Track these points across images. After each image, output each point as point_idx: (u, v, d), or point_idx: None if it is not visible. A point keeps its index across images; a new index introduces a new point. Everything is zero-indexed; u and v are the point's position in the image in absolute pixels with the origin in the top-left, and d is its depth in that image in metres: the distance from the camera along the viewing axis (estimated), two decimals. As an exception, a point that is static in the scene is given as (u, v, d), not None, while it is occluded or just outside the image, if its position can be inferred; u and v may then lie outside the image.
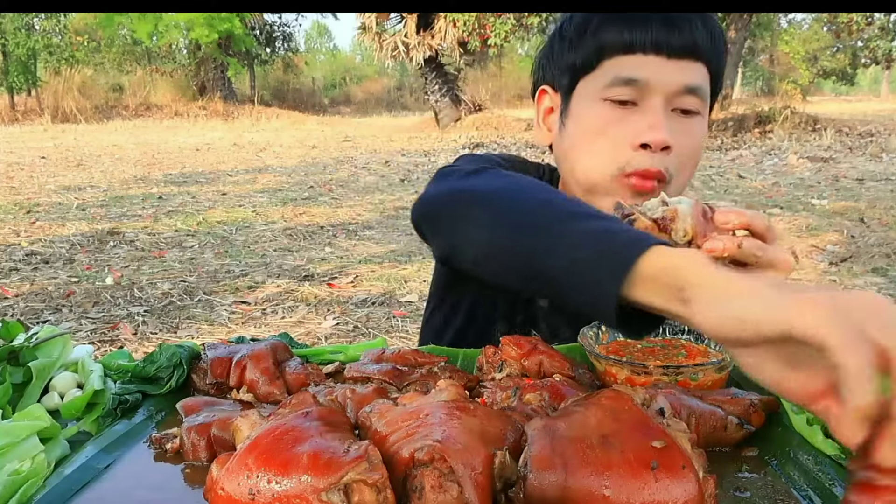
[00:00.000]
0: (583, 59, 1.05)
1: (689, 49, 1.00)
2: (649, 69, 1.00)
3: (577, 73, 1.06)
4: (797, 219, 6.19)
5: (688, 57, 1.01)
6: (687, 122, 1.04)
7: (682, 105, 1.03)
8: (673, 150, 1.01)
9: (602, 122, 1.03)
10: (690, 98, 1.02)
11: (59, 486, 0.66)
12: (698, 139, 1.06)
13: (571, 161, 1.09)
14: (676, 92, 1.01)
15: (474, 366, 0.95)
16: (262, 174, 10.00)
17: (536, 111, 1.18)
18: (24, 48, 22.60)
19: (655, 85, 1.00)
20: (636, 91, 1.01)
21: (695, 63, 1.02)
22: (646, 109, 1.01)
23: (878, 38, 23.90)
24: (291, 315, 3.85)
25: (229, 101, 25.02)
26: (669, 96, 1.01)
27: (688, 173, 1.08)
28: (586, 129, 1.05)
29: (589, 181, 1.06)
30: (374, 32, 17.17)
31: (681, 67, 1.01)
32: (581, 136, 1.06)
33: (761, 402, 0.77)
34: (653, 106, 1.01)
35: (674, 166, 1.03)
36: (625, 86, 1.01)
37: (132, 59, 27.98)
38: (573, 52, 1.06)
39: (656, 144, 0.99)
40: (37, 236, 5.82)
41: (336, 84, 38.62)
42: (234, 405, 0.82)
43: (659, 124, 0.99)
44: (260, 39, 27.92)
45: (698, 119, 1.05)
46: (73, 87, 22.41)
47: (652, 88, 1.00)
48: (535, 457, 0.56)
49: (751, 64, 37.44)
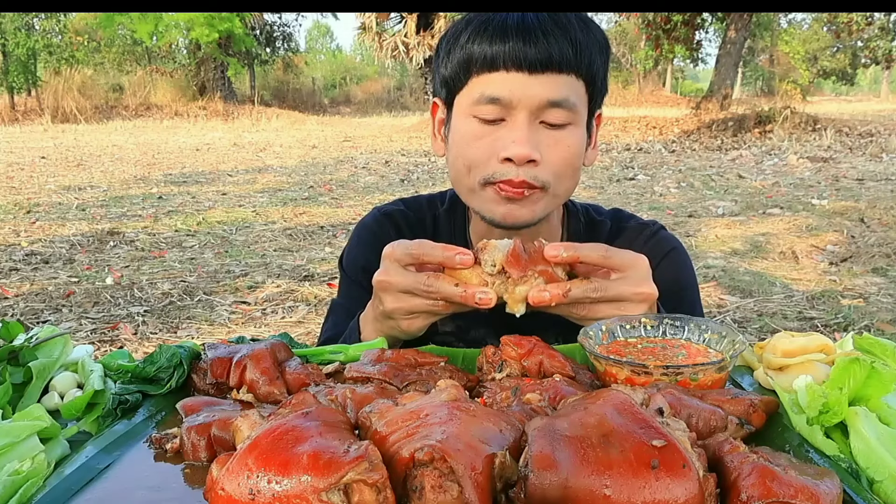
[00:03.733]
0: (453, 74, 1.10)
1: (548, 63, 1.03)
2: (510, 86, 1.04)
3: (451, 89, 1.12)
4: (797, 219, 6.19)
5: (549, 71, 1.03)
6: (556, 134, 1.07)
7: (548, 119, 1.06)
8: (542, 162, 1.06)
9: (471, 137, 1.09)
10: (556, 111, 1.06)
11: (59, 486, 0.65)
12: (571, 149, 1.09)
13: (452, 175, 1.17)
14: (540, 106, 1.05)
15: (474, 366, 0.94)
16: (262, 174, 10.00)
17: (432, 123, 1.24)
18: (24, 48, 22.61)
19: (518, 102, 1.04)
20: (501, 108, 1.06)
21: (558, 76, 1.04)
22: (511, 125, 1.06)
23: (878, 38, 23.91)
24: (291, 315, 3.85)
25: (229, 101, 25.03)
26: (534, 111, 1.05)
27: (568, 182, 1.12)
28: (459, 143, 1.11)
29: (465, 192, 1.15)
30: (374, 32, 17.18)
31: (542, 82, 1.04)
32: (456, 149, 1.13)
33: (761, 402, 0.77)
34: (517, 121, 1.05)
35: (546, 176, 1.08)
36: (489, 104, 1.06)
37: (132, 59, 28.01)
38: (446, 66, 1.11)
39: (518, 159, 1.05)
40: (37, 236, 5.82)
41: (336, 84, 38.63)
42: (234, 405, 0.82)
43: (521, 139, 1.04)
44: (260, 39, 27.94)
45: (569, 129, 1.08)
46: (73, 87, 22.42)
47: (515, 105, 1.05)
48: (536, 457, 0.56)
49: (751, 64, 37.45)
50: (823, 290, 4.25)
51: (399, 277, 0.97)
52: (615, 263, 0.95)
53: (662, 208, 7.00)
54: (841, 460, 0.68)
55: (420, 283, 0.95)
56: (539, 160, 1.06)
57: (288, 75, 30.89)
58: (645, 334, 0.95)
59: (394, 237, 1.29)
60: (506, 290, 0.92)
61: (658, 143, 13.67)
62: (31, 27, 23.81)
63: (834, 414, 0.72)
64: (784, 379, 0.86)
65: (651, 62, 29.58)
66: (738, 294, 4.23)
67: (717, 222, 6.28)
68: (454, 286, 0.93)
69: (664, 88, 36.20)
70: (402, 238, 1.27)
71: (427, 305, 0.97)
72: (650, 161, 11.02)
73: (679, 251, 1.30)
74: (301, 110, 25.91)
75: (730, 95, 18.08)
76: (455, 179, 1.16)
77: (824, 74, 35.56)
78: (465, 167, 1.11)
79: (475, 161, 1.09)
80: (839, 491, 0.58)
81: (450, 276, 0.94)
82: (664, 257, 1.26)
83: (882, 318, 3.74)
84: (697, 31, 21.14)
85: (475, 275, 0.93)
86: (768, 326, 3.66)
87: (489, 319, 1.23)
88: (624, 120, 16.97)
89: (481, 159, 1.08)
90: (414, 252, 0.97)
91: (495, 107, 1.05)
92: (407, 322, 1.00)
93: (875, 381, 0.75)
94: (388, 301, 0.99)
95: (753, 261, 4.99)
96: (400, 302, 0.98)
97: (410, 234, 1.26)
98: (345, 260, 1.37)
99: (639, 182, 8.95)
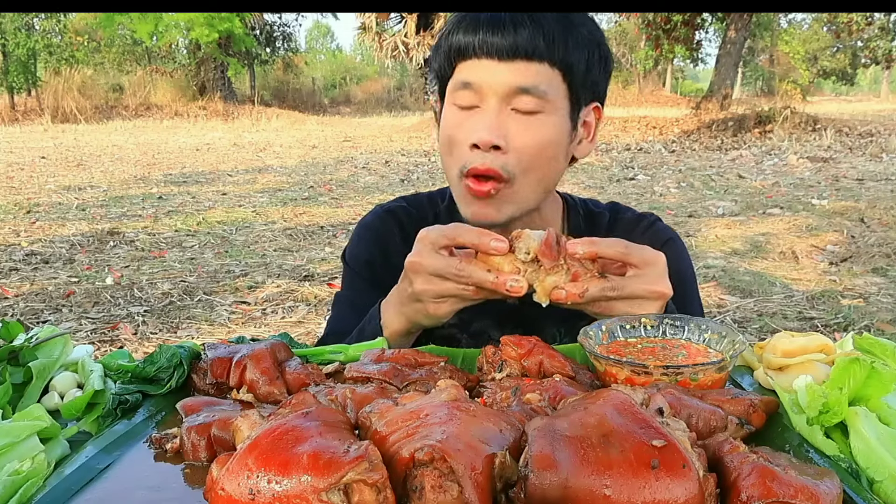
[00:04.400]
0: (440, 66, 1.14)
1: (516, 50, 1.05)
2: (480, 72, 1.07)
3: (441, 81, 1.16)
4: (797, 219, 6.19)
5: (517, 58, 1.05)
6: (526, 120, 1.08)
7: (518, 105, 1.07)
8: (510, 150, 1.07)
9: (450, 125, 1.12)
10: (525, 98, 1.07)
11: (59, 486, 0.65)
12: (540, 137, 1.09)
13: (442, 165, 1.19)
14: (509, 93, 1.06)
15: (474, 366, 0.95)
16: (262, 174, 10.00)
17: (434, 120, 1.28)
18: (24, 48, 22.61)
19: (487, 87, 1.07)
20: (474, 94, 1.08)
21: (528, 63, 1.06)
22: (482, 111, 1.08)
23: (878, 38, 23.92)
24: (291, 315, 3.85)
25: (229, 101, 25.03)
26: (504, 97, 1.07)
27: (537, 172, 1.12)
28: (442, 131, 1.14)
29: (450, 180, 1.16)
30: (374, 32, 17.17)
31: (511, 69, 1.05)
32: (441, 140, 1.15)
33: (761, 402, 0.77)
34: (487, 108, 1.07)
35: (513, 165, 1.08)
36: (464, 90, 1.08)
37: (132, 59, 28.01)
38: (436, 60, 1.15)
39: (482, 144, 1.06)
40: (37, 236, 5.82)
41: (336, 84, 38.62)
42: (234, 405, 0.82)
43: (486, 125, 1.06)
44: (260, 39, 27.93)
45: (540, 117, 1.09)
46: (73, 87, 22.42)
47: (485, 91, 1.07)
48: (536, 457, 0.56)
49: (751, 64, 37.46)
50: (823, 290, 4.25)
51: (431, 259, 0.97)
52: (634, 260, 0.96)
53: (662, 208, 6.99)
54: (841, 460, 0.68)
55: (452, 267, 0.95)
56: (504, 147, 1.07)
57: (288, 75, 30.89)
58: (645, 334, 0.95)
59: (396, 233, 1.31)
60: (536, 279, 0.94)
61: (658, 143, 13.67)
62: (31, 27, 23.81)
63: (834, 414, 0.72)
64: (784, 379, 0.86)
65: (651, 62, 29.58)
66: (738, 294, 4.23)
67: (717, 222, 6.28)
68: (486, 272, 0.94)
69: (664, 88, 36.20)
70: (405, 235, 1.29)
71: (457, 289, 0.97)
72: (650, 161, 11.02)
73: (676, 242, 1.31)
74: (301, 110, 25.91)
75: (730, 95, 18.08)
76: (444, 169, 1.19)
77: (824, 74, 35.57)
78: (447, 154, 1.14)
79: (453, 148, 1.11)
80: (839, 491, 0.58)
81: (482, 262, 0.95)
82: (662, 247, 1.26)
83: (882, 318, 3.74)
84: (697, 31, 21.14)
85: (507, 262, 0.94)
86: (768, 326, 3.66)
87: (492, 311, 1.23)
88: (624, 120, 16.97)
89: (457, 146, 1.11)
90: (448, 234, 0.97)
91: (469, 92, 1.08)
92: (434, 306, 1.00)
93: (875, 381, 0.75)
94: (417, 283, 0.99)
95: (753, 261, 4.99)
96: (430, 284, 0.98)
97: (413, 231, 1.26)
98: (348, 255, 1.38)
99: (639, 182, 8.95)
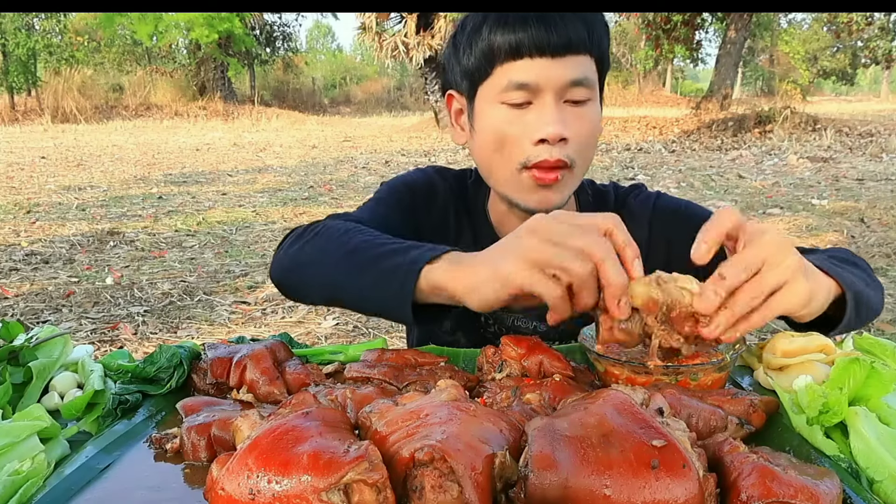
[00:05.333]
0: (477, 65, 1.14)
1: (569, 46, 1.09)
2: (536, 71, 1.09)
3: (474, 80, 1.16)
4: (797, 219, 6.19)
5: (569, 53, 1.10)
6: (579, 110, 1.13)
7: (572, 97, 1.12)
8: (570, 139, 1.11)
9: (503, 123, 1.13)
10: (578, 89, 1.12)
11: (59, 486, 0.65)
12: (592, 123, 1.15)
13: (483, 161, 1.20)
14: (564, 87, 1.10)
15: (474, 366, 0.95)
16: (262, 174, 10.00)
17: (448, 113, 1.28)
18: (24, 48, 22.60)
19: (545, 85, 1.10)
20: (528, 93, 1.11)
21: (577, 57, 1.11)
22: (540, 107, 1.11)
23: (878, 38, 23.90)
24: (291, 315, 3.85)
25: (229, 101, 25.02)
26: (559, 91, 1.11)
27: (588, 155, 1.18)
28: (490, 131, 1.15)
29: (499, 178, 1.18)
30: (374, 32, 17.16)
31: (564, 64, 1.10)
32: (486, 138, 1.16)
33: (761, 402, 0.77)
34: (545, 103, 1.11)
35: (573, 153, 1.13)
36: (517, 90, 1.11)
37: (132, 59, 28.00)
38: (468, 58, 1.15)
39: (553, 138, 1.09)
40: (37, 236, 5.82)
41: (336, 84, 38.62)
42: (234, 405, 0.82)
43: (553, 119, 1.09)
44: (260, 39, 27.92)
45: (590, 105, 1.15)
46: (73, 87, 22.41)
47: (542, 88, 1.10)
48: (536, 457, 0.56)
49: (751, 64, 37.44)
50: (823, 290, 4.24)
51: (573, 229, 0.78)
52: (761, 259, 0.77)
53: (662, 208, 6.98)
54: (841, 460, 0.68)
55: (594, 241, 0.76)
56: (569, 137, 1.11)
57: (288, 75, 30.89)
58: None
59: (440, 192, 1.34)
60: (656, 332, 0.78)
61: (658, 143, 13.67)
62: (31, 27, 23.81)
63: (834, 414, 0.72)
64: (784, 379, 0.86)
65: (651, 62, 29.59)
66: (738, 294, 4.22)
67: (717, 222, 6.26)
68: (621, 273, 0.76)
69: (664, 88, 36.20)
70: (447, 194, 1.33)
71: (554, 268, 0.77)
72: (650, 161, 11.02)
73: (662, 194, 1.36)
74: (301, 110, 25.91)
75: (730, 95, 18.08)
76: (484, 165, 1.20)
77: (824, 74, 35.57)
78: (497, 152, 1.15)
79: (509, 144, 1.13)
80: (839, 491, 0.58)
81: None
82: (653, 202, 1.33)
83: (882, 317, 3.74)
84: (697, 31, 21.14)
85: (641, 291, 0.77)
86: (768, 326, 3.66)
87: None
88: (624, 120, 16.97)
89: (515, 143, 1.13)
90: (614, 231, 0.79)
91: (523, 92, 1.10)
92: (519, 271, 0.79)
93: (875, 381, 0.75)
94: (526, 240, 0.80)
95: (753, 261, 4.98)
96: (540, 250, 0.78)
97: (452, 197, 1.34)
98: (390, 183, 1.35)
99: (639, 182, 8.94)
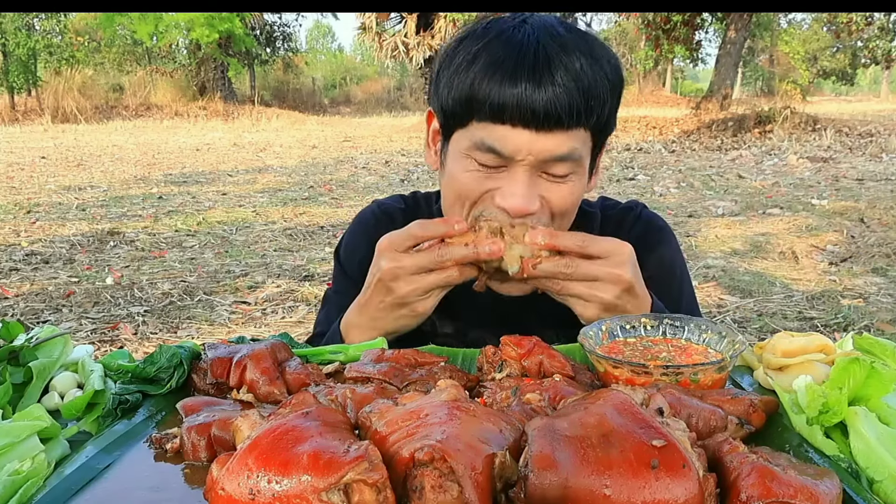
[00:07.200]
0: (455, 109, 1.05)
1: (558, 121, 0.99)
2: (515, 142, 1.00)
3: (449, 122, 1.08)
4: (797, 219, 6.19)
5: (558, 128, 1.00)
6: (558, 186, 1.05)
7: (551, 171, 1.03)
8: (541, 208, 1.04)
9: (469, 180, 1.06)
10: (561, 165, 1.03)
11: (59, 486, 0.65)
12: (573, 196, 1.08)
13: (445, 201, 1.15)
14: (544, 162, 1.02)
15: (474, 366, 0.95)
16: (262, 174, 10.00)
17: (427, 131, 1.20)
18: (24, 48, 22.60)
19: (522, 158, 1.01)
20: (502, 160, 1.02)
21: (566, 132, 1.00)
22: (511, 175, 1.03)
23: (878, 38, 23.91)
24: (291, 315, 3.85)
25: (229, 101, 25.01)
26: (537, 165, 1.02)
27: (564, 223, 1.11)
28: (455, 181, 1.08)
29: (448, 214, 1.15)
30: (375, 32, 17.16)
31: (548, 139, 1.00)
32: (451, 185, 1.10)
33: (761, 402, 0.77)
34: (517, 175, 1.02)
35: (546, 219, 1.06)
36: (490, 153, 1.02)
37: (132, 59, 28.01)
38: (448, 97, 1.06)
39: (514, 213, 1.02)
40: (37, 236, 5.82)
41: (336, 84, 38.60)
42: (234, 405, 0.82)
43: (520, 193, 1.02)
44: (260, 39, 27.91)
45: (572, 178, 1.06)
46: (73, 87, 22.40)
47: (518, 160, 1.01)
48: (536, 457, 0.56)
49: (751, 64, 37.45)
50: (823, 290, 4.25)
51: (410, 260, 1.00)
52: (593, 251, 0.99)
53: (662, 208, 6.99)
54: (841, 460, 0.68)
55: (433, 256, 1.00)
56: (537, 210, 1.04)
57: (288, 75, 30.87)
58: (645, 334, 0.95)
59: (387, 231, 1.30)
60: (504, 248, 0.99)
61: (658, 143, 13.66)
62: (31, 27, 23.80)
63: (834, 414, 0.72)
64: (784, 379, 0.86)
65: (651, 62, 29.58)
66: (738, 294, 4.23)
67: (717, 222, 6.28)
68: (464, 246, 0.99)
69: (664, 88, 36.19)
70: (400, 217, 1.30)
71: (441, 279, 1.01)
72: (650, 161, 11.02)
73: (665, 230, 1.32)
74: (301, 110, 25.89)
75: (730, 95, 18.08)
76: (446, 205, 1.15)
77: (824, 74, 35.57)
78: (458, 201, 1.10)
79: (470, 201, 1.07)
80: (839, 491, 0.58)
81: None
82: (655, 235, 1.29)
83: (882, 318, 3.74)
84: (697, 31, 21.13)
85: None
86: (768, 326, 3.66)
87: (488, 320, 1.23)
88: (624, 120, 16.97)
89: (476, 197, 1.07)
90: (416, 232, 1.01)
91: (496, 157, 1.02)
92: (422, 303, 1.03)
93: (875, 381, 0.75)
94: (400, 287, 1.02)
95: (753, 261, 4.99)
96: (414, 283, 1.01)
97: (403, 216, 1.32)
98: (342, 250, 1.37)
99: (639, 182, 8.95)
